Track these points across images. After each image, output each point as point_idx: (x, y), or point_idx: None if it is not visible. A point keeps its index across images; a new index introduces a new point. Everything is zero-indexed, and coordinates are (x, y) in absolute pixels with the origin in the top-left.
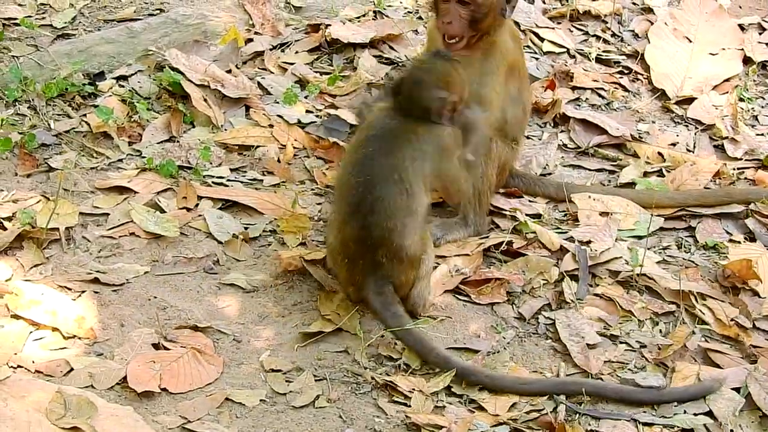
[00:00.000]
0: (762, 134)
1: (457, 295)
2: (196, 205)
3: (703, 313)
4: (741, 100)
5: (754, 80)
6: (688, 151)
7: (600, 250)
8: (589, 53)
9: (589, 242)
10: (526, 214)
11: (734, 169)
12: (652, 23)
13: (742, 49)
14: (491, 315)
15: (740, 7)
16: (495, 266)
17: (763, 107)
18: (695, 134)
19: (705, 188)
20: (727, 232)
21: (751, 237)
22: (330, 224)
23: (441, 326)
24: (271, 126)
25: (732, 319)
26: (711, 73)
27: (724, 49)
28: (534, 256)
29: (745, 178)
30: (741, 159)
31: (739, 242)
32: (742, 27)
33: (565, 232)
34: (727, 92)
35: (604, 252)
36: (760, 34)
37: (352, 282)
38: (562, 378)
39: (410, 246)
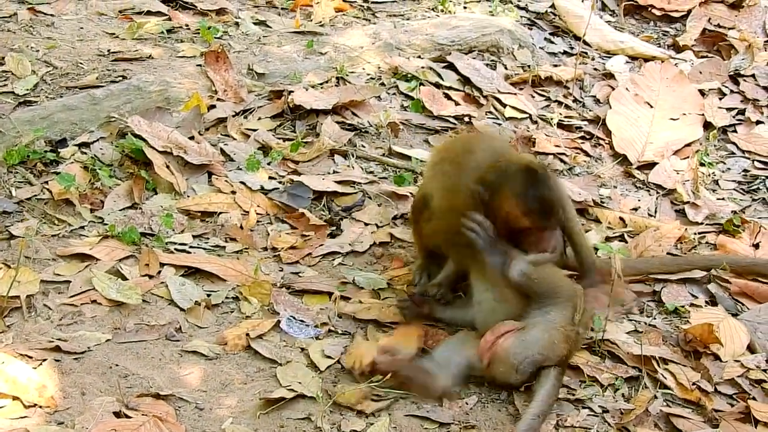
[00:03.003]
0: (723, 198)
1: None
2: (159, 272)
3: (665, 378)
4: (702, 164)
5: (715, 145)
6: (650, 215)
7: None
8: (551, 119)
9: None
10: None
11: (695, 233)
12: (613, 89)
13: (703, 114)
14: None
15: (700, 73)
16: (463, 330)
17: (723, 172)
18: (656, 199)
19: (668, 253)
20: (692, 295)
21: (713, 301)
22: None
23: (404, 393)
24: (233, 192)
25: (694, 384)
26: (672, 138)
27: (684, 114)
28: None
29: (707, 243)
30: (702, 223)
31: (701, 306)
32: (702, 92)
33: None
34: (688, 157)
35: None
36: (720, 99)
37: None
38: None
39: None
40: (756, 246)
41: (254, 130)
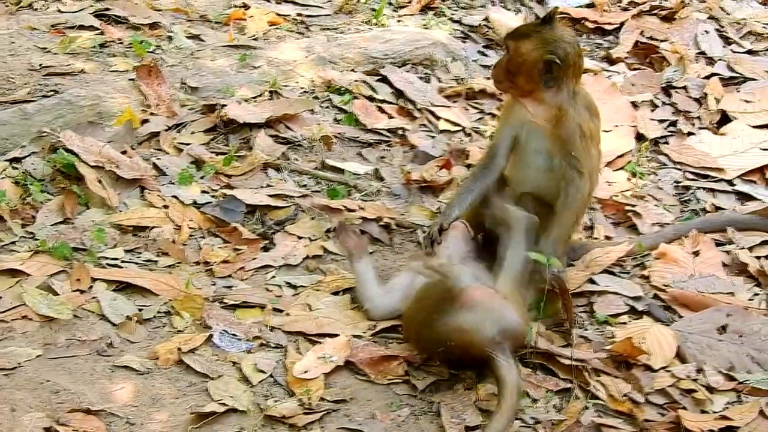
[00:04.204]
0: (657, 206)
1: (356, 375)
2: (90, 287)
3: (597, 389)
4: (633, 175)
5: (647, 156)
6: (586, 228)
7: None
8: (485, 131)
9: None
10: None
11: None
12: None
13: (635, 126)
14: (389, 393)
15: (633, 85)
16: (394, 343)
17: (655, 183)
18: (591, 211)
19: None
20: (626, 305)
21: (647, 311)
22: None
23: (336, 406)
24: (166, 207)
25: (624, 395)
26: (605, 149)
27: (617, 126)
28: None
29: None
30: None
31: (624, 323)
32: (634, 104)
33: None
34: (622, 168)
35: None
36: (652, 110)
37: None
38: None
39: None
40: (696, 254)
41: (187, 144)
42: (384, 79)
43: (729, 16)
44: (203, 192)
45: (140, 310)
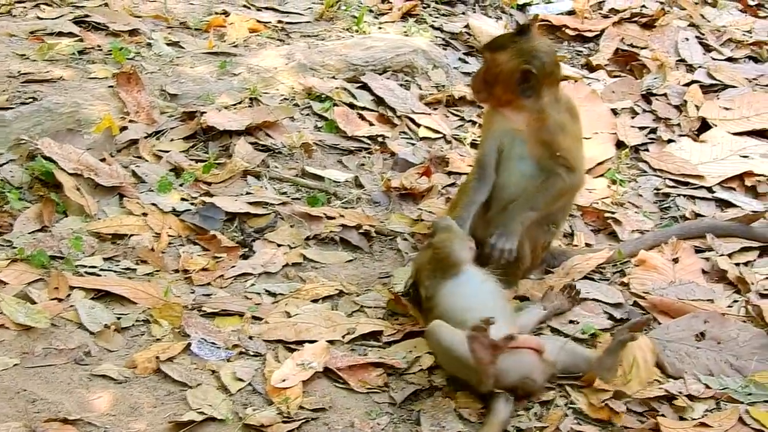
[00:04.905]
0: (637, 213)
1: (335, 383)
2: (68, 295)
3: (578, 400)
4: (613, 182)
5: (627, 164)
6: (566, 235)
7: None
8: (465, 138)
9: None
10: None
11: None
12: None
13: (615, 133)
14: (368, 401)
15: (613, 92)
16: (374, 350)
17: (635, 190)
18: (571, 218)
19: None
20: (605, 312)
21: (626, 319)
22: None
23: (315, 414)
24: (145, 215)
25: (603, 401)
26: (585, 156)
27: (597, 133)
28: (413, 341)
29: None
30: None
31: (607, 329)
32: (614, 111)
33: None
34: (602, 175)
35: None
36: (632, 118)
37: None
38: None
39: None
40: (675, 261)
41: (166, 152)
42: (364, 87)
43: (709, 24)
44: (182, 199)
45: (118, 318)
